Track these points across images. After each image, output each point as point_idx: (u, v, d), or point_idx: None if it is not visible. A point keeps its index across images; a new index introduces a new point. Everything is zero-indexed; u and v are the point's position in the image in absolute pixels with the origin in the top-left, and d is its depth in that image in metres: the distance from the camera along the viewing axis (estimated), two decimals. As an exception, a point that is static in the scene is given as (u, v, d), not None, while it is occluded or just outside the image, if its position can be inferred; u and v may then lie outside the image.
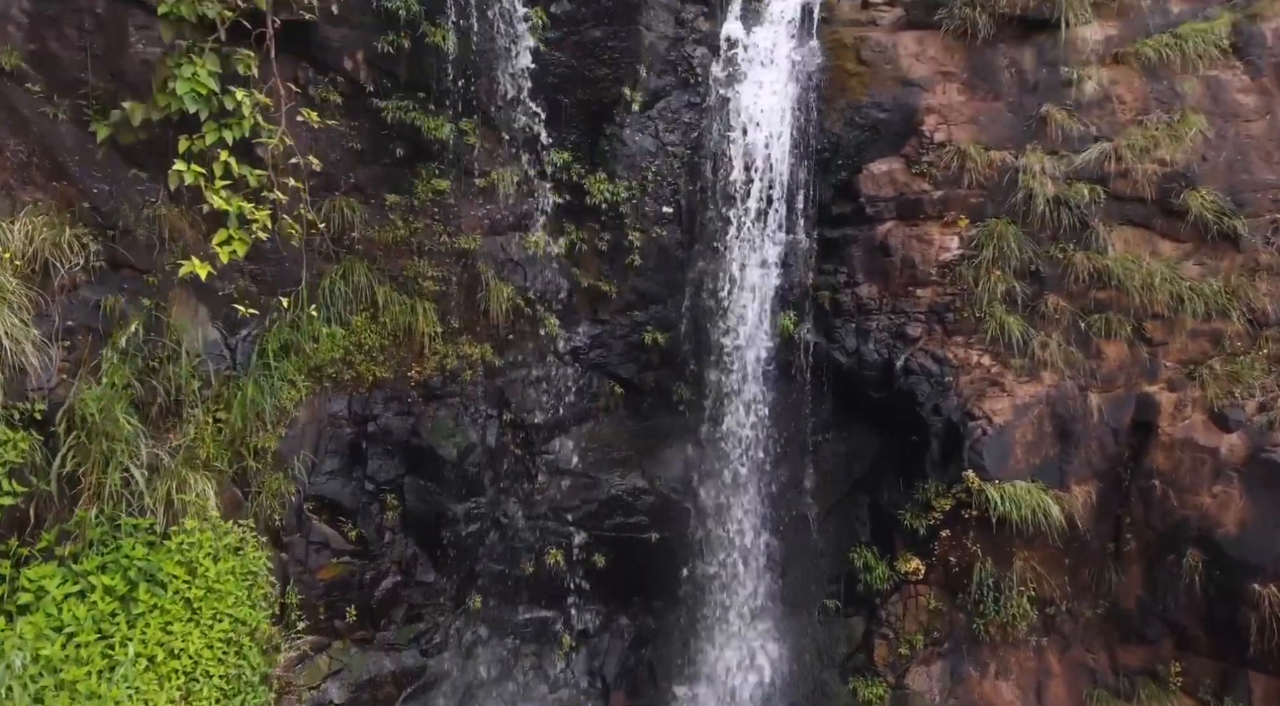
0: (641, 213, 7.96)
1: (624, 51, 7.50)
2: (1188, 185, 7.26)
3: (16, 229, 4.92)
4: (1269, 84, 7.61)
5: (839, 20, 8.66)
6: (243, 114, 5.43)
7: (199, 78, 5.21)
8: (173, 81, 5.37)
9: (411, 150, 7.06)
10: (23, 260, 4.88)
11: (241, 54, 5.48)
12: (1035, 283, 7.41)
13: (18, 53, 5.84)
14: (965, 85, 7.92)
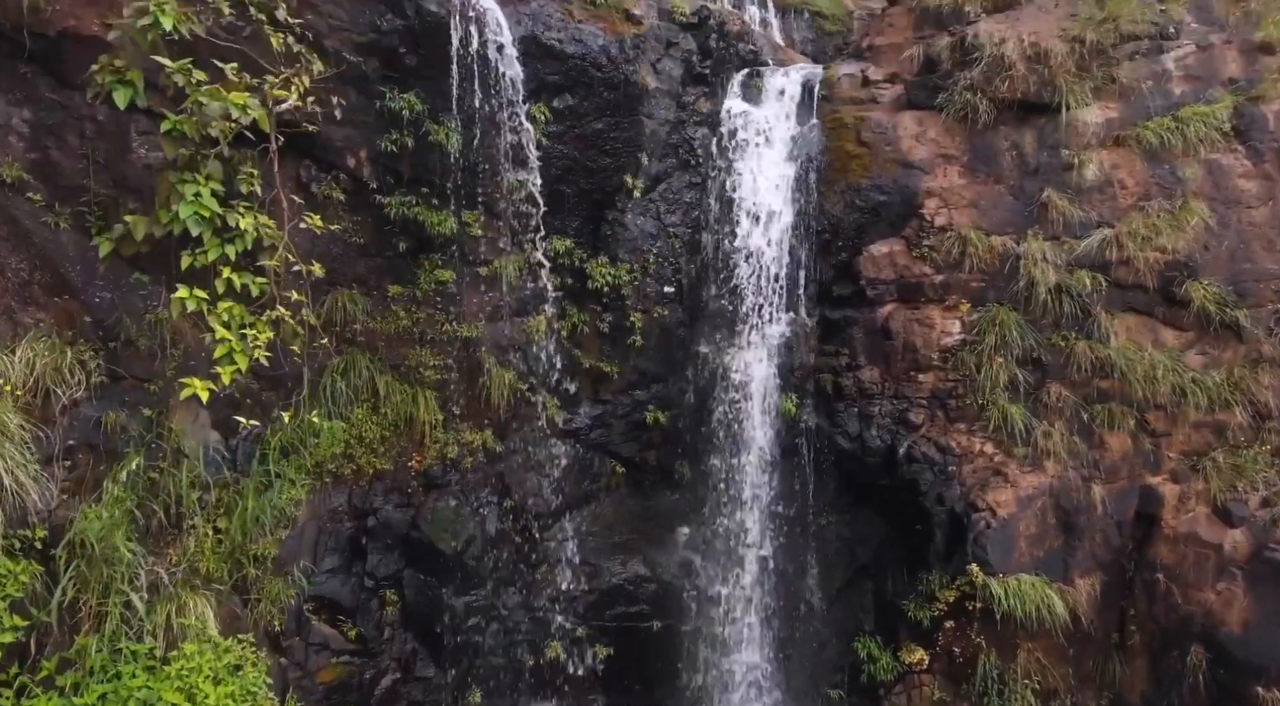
0: (643, 293, 7.96)
1: (626, 141, 7.51)
2: (1189, 275, 7.26)
3: (17, 358, 4.91)
4: (1271, 170, 7.61)
5: (839, 98, 8.68)
6: (245, 230, 5.43)
7: (202, 199, 5.20)
8: (176, 200, 5.37)
9: (415, 243, 7.06)
10: (24, 390, 4.87)
11: (245, 171, 5.48)
12: (1038, 370, 7.39)
13: (19, 163, 5.84)
14: (966, 168, 7.92)
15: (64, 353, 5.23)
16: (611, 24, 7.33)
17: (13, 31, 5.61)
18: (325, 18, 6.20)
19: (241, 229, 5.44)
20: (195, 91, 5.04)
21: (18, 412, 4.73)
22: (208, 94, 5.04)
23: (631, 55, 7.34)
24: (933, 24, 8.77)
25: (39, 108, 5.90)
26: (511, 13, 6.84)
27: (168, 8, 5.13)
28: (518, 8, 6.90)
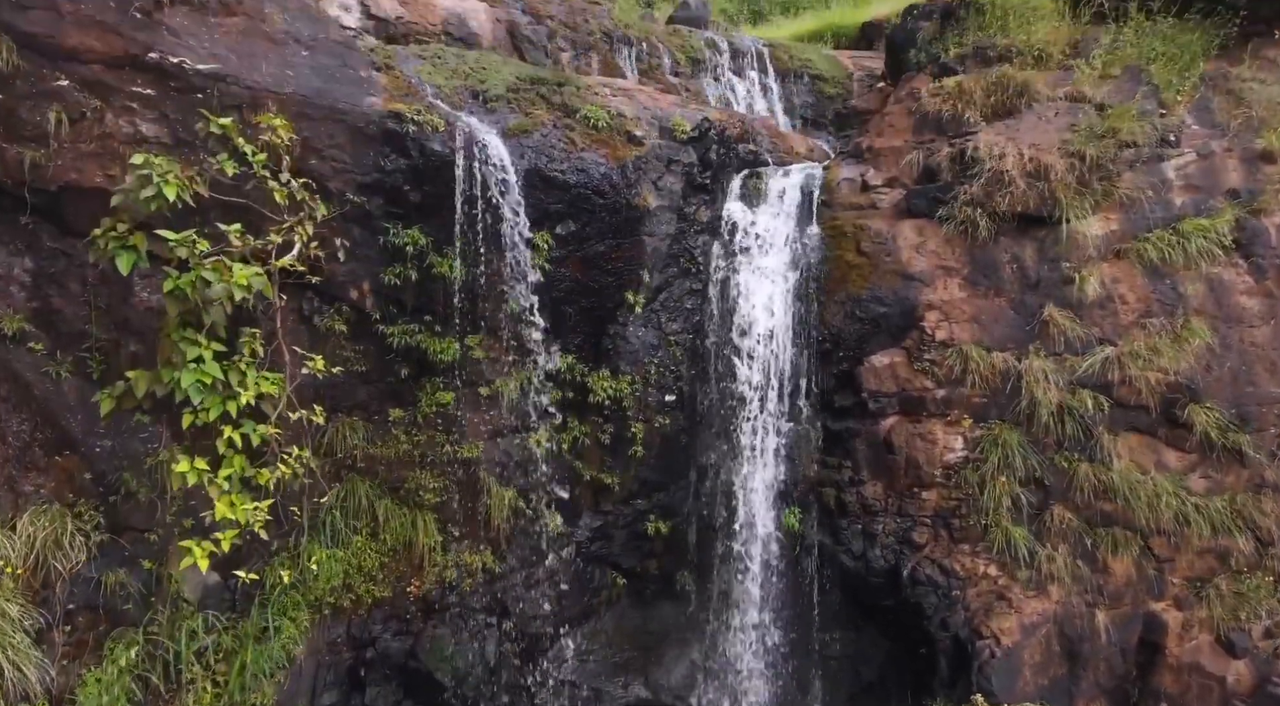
0: (644, 403, 7.94)
1: (627, 260, 7.52)
2: (1191, 397, 7.25)
3: (18, 535, 4.90)
4: (1273, 287, 7.62)
5: (838, 204, 8.68)
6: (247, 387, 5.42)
7: (203, 366, 5.20)
8: (178, 358, 5.36)
9: (416, 368, 7.05)
10: (24, 568, 4.86)
11: (248, 333, 5.48)
12: (1040, 491, 7.37)
13: (21, 314, 5.84)
14: (966, 281, 7.93)
15: (64, 522, 5.22)
16: (613, 149, 7.34)
17: (14, 187, 5.63)
18: (329, 162, 6.21)
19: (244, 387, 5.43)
20: (199, 267, 5.04)
21: (18, 593, 4.71)
22: (212, 270, 5.04)
23: (633, 179, 7.36)
24: (932, 129, 8.80)
25: (41, 257, 5.91)
26: (515, 146, 6.85)
27: (171, 177, 5.14)
28: (521, 140, 6.92)
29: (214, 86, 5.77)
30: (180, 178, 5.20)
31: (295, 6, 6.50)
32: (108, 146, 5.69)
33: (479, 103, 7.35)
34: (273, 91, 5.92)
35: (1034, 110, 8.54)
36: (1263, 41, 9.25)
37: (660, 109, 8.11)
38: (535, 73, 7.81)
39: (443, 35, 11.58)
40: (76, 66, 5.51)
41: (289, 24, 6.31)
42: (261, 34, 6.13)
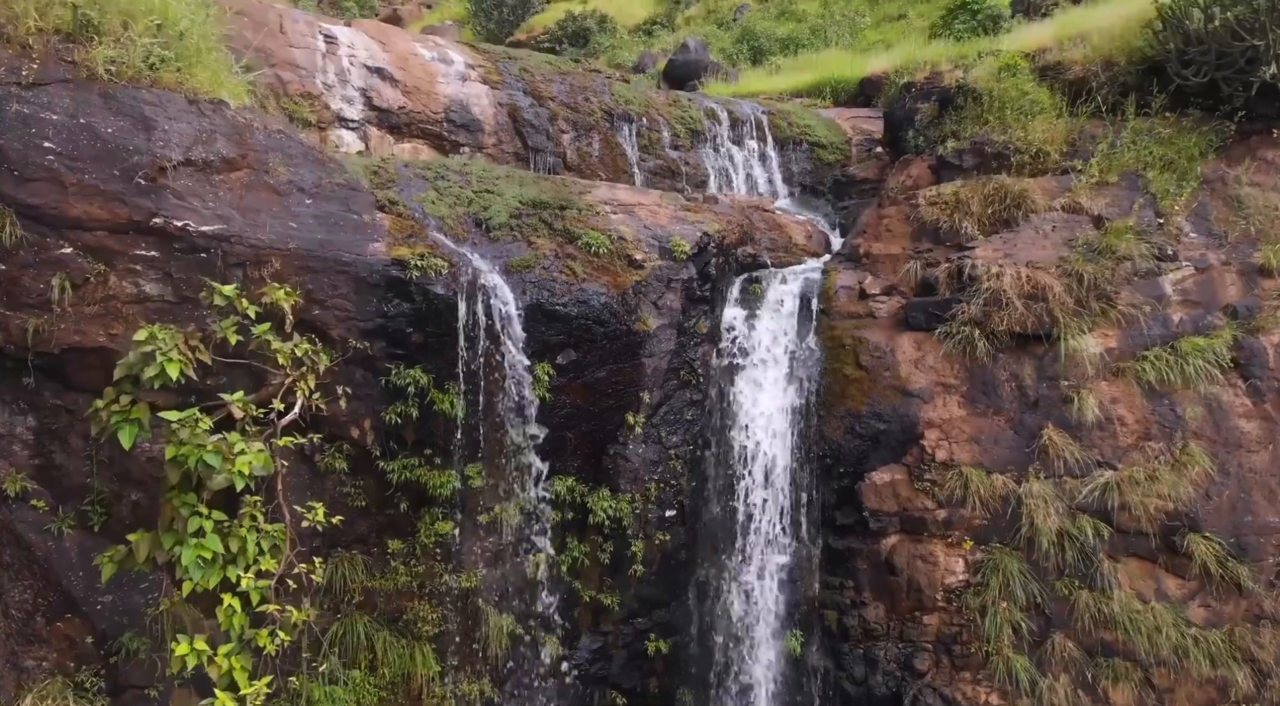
0: (645, 520, 7.95)
1: (628, 383, 7.54)
2: (1191, 526, 7.25)
3: (19, 723, 4.91)
4: (1271, 410, 7.64)
5: (837, 312, 8.72)
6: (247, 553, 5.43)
7: (204, 541, 5.21)
8: (179, 523, 5.37)
9: (415, 500, 7.06)
10: (25, 756, 4.86)
11: (249, 500, 5.50)
12: (1041, 618, 7.37)
13: (23, 473, 5.86)
14: (965, 398, 7.95)
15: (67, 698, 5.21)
16: (614, 275, 7.37)
17: (17, 352, 5.65)
18: (332, 311, 6.24)
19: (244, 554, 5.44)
20: (199, 450, 5.06)
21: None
22: (213, 452, 5.06)
23: (633, 304, 7.40)
24: (930, 238, 8.85)
25: (43, 414, 5.93)
26: (517, 282, 6.89)
27: (174, 353, 5.17)
28: (523, 276, 6.96)
29: (218, 246, 5.81)
30: (183, 352, 5.22)
31: (298, 152, 6.55)
32: (110, 307, 5.73)
33: (482, 231, 7.39)
34: (276, 248, 5.96)
35: (1031, 222, 8.60)
36: (1261, 141, 9.31)
37: (660, 227, 8.15)
38: (538, 194, 7.85)
39: (445, 122, 11.69)
40: (80, 234, 5.55)
41: (292, 173, 6.36)
42: (265, 186, 6.17)
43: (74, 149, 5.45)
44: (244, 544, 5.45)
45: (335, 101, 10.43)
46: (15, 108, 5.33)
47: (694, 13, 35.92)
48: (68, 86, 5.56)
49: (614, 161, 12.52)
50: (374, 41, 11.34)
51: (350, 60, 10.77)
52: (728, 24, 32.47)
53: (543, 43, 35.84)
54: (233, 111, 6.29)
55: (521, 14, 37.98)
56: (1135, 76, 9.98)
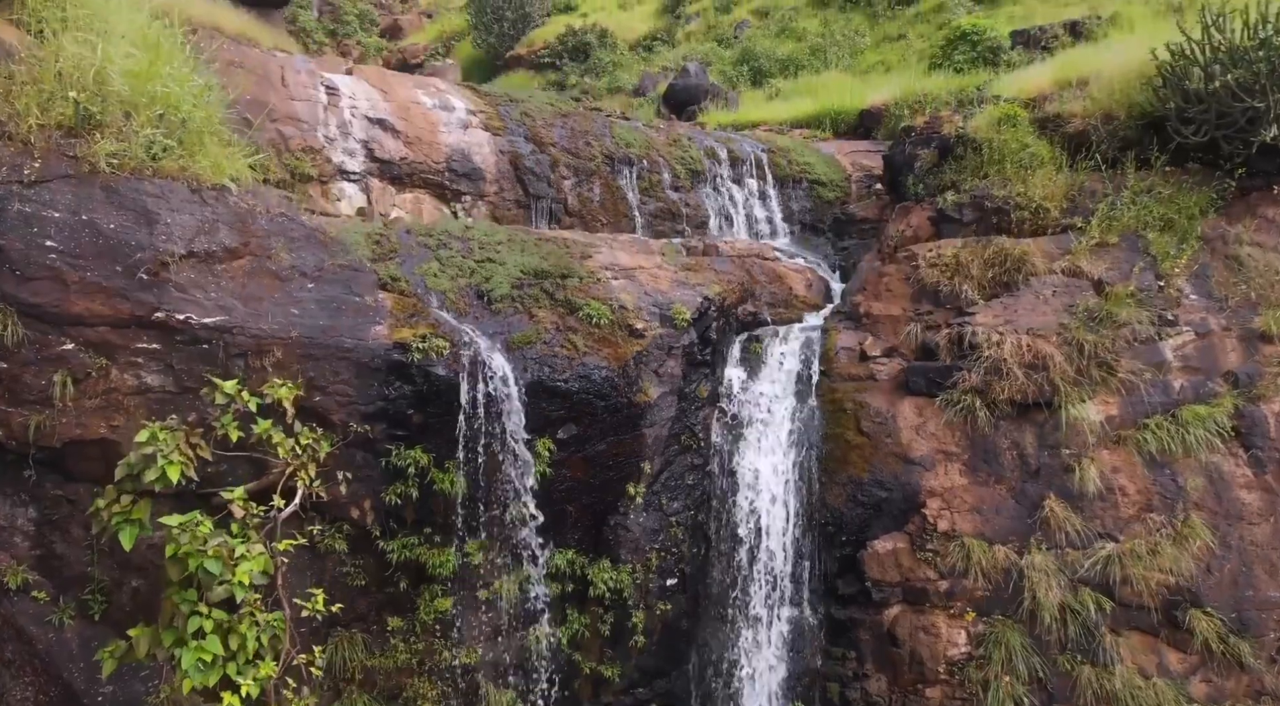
0: (646, 589, 7.92)
1: (629, 454, 7.54)
2: (1192, 602, 7.24)
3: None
4: (1272, 481, 7.64)
5: (838, 374, 8.72)
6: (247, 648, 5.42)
7: (204, 644, 5.20)
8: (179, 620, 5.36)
9: (415, 578, 7.04)
10: None
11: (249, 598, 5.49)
12: (1043, 693, 7.33)
13: (24, 564, 5.85)
14: (967, 466, 7.95)
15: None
16: (615, 347, 7.38)
17: (18, 447, 5.65)
18: (333, 396, 6.24)
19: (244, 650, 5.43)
20: (199, 557, 5.06)
21: None
22: (213, 558, 5.06)
23: (634, 376, 7.40)
24: (930, 300, 8.85)
25: (43, 505, 5.92)
26: (518, 359, 6.90)
27: (174, 456, 5.17)
28: (524, 352, 6.96)
29: (219, 338, 5.81)
30: (184, 451, 5.22)
31: (300, 235, 6.56)
32: (112, 399, 5.72)
33: (484, 304, 7.39)
34: (278, 337, 5.96)
35: (1032, 286, 8.60)
36: (1262, 197, 9.33)
37: (661, 293, 8.16)
38: (539, 262, 7.85)
39: (446, 172, 11.69)
40: (82, 329, 5.55)
41: (295, 257, 6.37)
42: (267, 272, 6.18)
43: (76, 246, 5.46)
44: (244, 641, 5.43)
45: (337, 154, 10.43)
46: (17, 207, 5.34)
47: (694, 28, 35.97)
48: (70, 182, 5.57)
49: (615, 206, 12.53)
50: (375, 90, 11.35)
51: (352, 112, 10.78)
52: (728, 41, 32.51)
53: (543, 57, 35.93)
54: (235, 197, 6.31)
55: (521, 28, 38.04)
56: (1135, 131, 10.00)
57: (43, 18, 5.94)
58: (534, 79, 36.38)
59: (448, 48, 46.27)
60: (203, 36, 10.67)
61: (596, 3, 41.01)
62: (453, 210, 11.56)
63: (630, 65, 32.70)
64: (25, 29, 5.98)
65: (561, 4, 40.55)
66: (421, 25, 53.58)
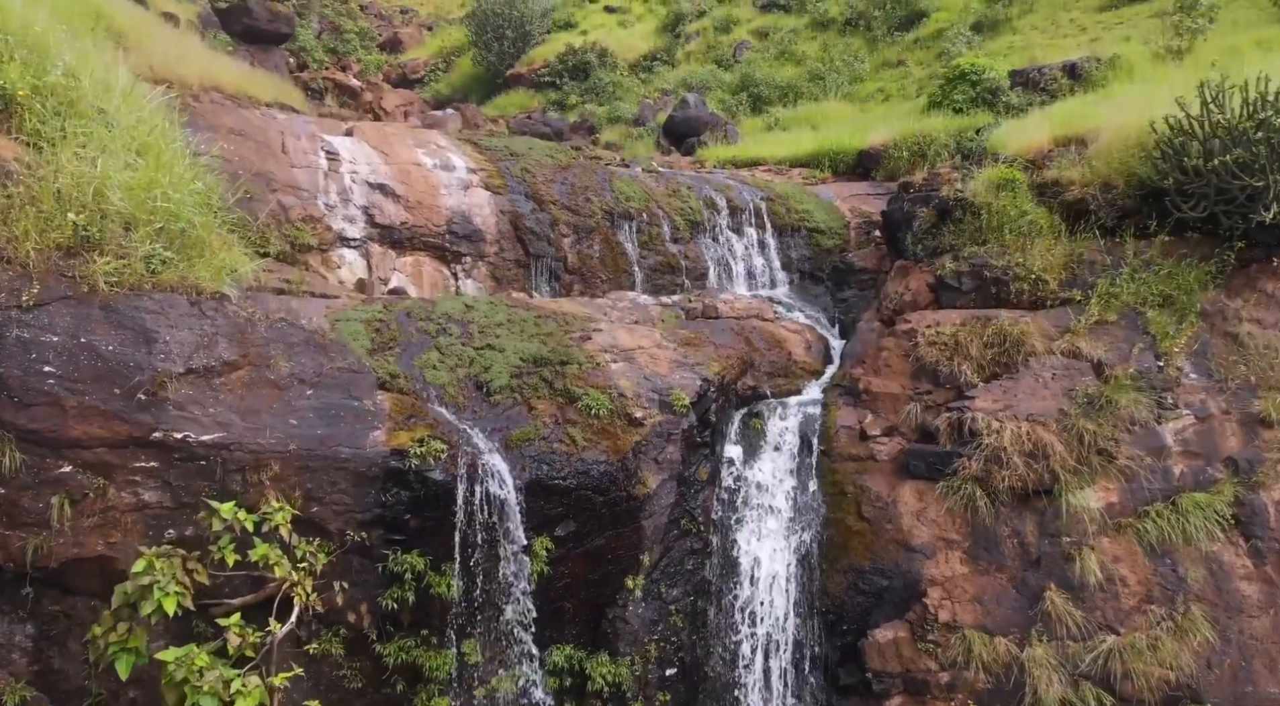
0: (645, 681, 7.88)
1: (628, 546, 7.52)
2: (1193, 698, 7.20)
3: None
4: (1272, 573, 7.62)
5: (838, 453, 8.71)
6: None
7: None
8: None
9: (412, 679, 7.01)
10: None
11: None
12: (1044, 788, 7.35)
13: (23, 680, 5.83)
14: (967, 555, 7.93)
15: None
16: (614, 439, 7.37)
17: (16, 568, 5.64)
18: (330, 507, 6.23)
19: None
20: (194, 693, 5.05)
21: None
22: (208, 695, 5.05)
23: (633, 468, 7.39)
24: (929, 378, 8.83)
25: (41, 621, 5.90)
26: (516, 457, 6.89)
27: (171, 587, 5.16)
28: (523, 450, 6.95)
29: (217, 454, 5.81)
30: (181, 580, 5.21)
31: (299, 339, 6.56)
32: (109, 517, 5.72)
33: (483, 396, 7.38)
34: (276, 451, 5.96)
35: (1031, 368, 8.59)
36: (1261, 269, 9.31)
37: (660, 377, 8.15)
38: (538, 349, 7.85)
39: (447, 234, 11.69)
40: (79, 452, 5.55)
41: (294, 365, 6.37)
42: (266, 382, 6.18)
43: (75, 370, 5.45)
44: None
45: (337, 221, 10.44)
46: (15, 333, 5.34)
47: (694, 48, 36.08)
48: (68, 303, 5.57)
49: (615, 262, 12.54)
50: (375, 152, 11.37)
51: (352, 177, 10.80)
52: (728, 62, 32.60)
53: (543, 75, 36.05)
54: (234, 305, 6.31)
55: (521, 46, 38.17)
56: (1134, 200, 10.00)
57: (42, 131, 5.94)
58: (534, 97, 36.52)
59: (448, 62, 46.39)
60: (204, 104, 10.71)
61: (596, 20, 41.13)
62: (453, 271, 11.58)
63: (630, 88, 32.76)
64: (25, 142, 5.98)
65: (561, 21, 40.68)
66: (422, 39, 53.67)
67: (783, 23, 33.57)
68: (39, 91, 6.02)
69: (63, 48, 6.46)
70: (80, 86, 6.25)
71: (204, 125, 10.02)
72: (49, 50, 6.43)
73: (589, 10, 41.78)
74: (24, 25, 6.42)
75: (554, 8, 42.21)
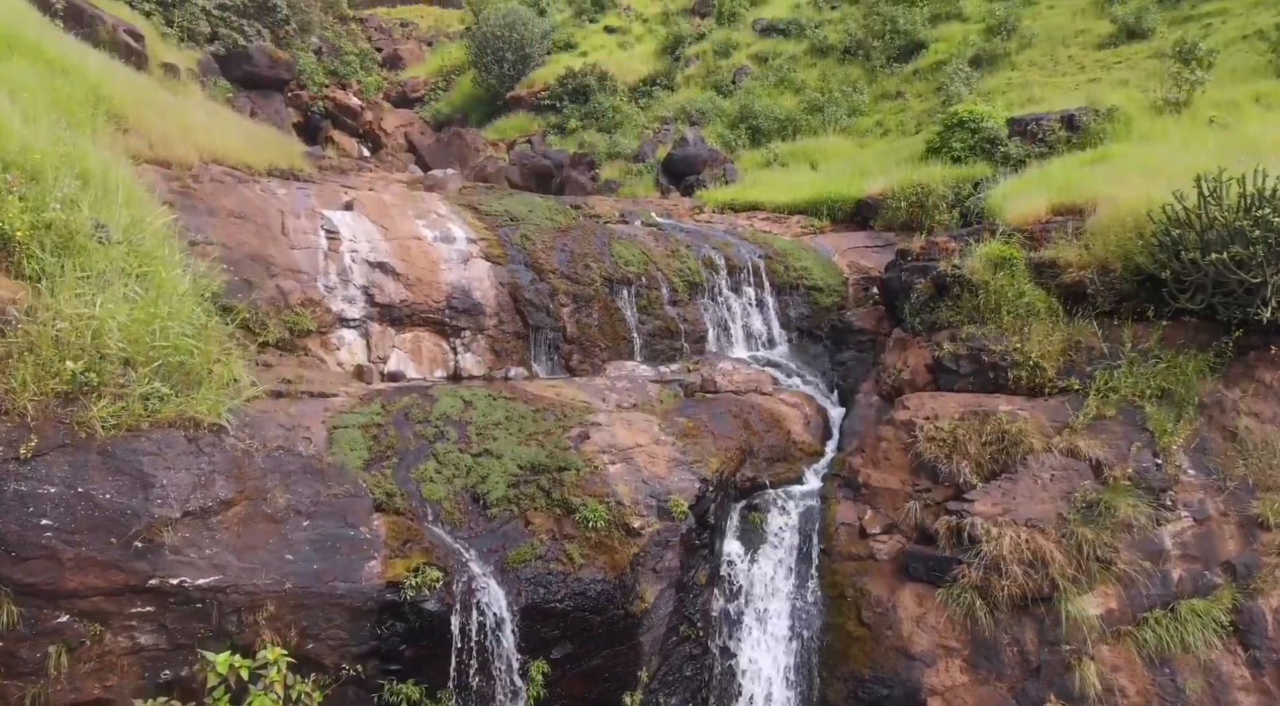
0: (643, 794, 7.89)
1: (626, 664, 7.50)
2: (1194, 817, 7.24)
3: None
4: (1270, 684, 7.61)
5: (838, 553, 8.71)
6: None
7: None
8: None
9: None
10: None
11: None
12: None
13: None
14: (967, 663, 7.91)
15: None
16: (611, 553, 7.36)
17: (19, 718, 5.64)
18: (325, 642, 6.21)
19: None
20: None
21: None
22: None
23: (631, 583, 7.37)
24: (928, 475, 8.83)
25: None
26: (512, 580, 6.88)
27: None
28: (519, 573, 6.95)
29: (213, 597, 5.79)
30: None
31: (296, 467, 6.56)
32: (106, 661, 5.70)
33: (480, 509, 7.38)
34: (272, 592, 5.94)
35: (1030, 468, 8.57)
36: (1260, 357, 9.29)
37: (659, 480, 8.13)
38: (535, 455, 7.85)
39: (446, 309, 11.69)
40: (77, 602, 5.53)
41: (290, 495, 6.36)
42: (262, 517, 6.17)
43: (72, 522, 5.45)
44: None
45: (337, 303, 10.44)
46: (13, 487, 5.34)
47: (693, 72, 36.14)
48: (66, 451, 5.57)
49: (613, 329, 12.54)
50: (375, 226, 11.38)
51: (352, 256, 10.80)
52: (727, 88, 32.66)
53: (543, 98, 36.17)
54: (232, 438, 6.31)
55: (521, 68, 38.31)
56: (1131, 285, 10.01)
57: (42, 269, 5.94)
58: (534, 120, 36.62)
59: (448, 81, 46.53)
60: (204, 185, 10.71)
61: (596, 40, 41.23)
62: (452, 346, 11.58)
63: (629, 114, 32.78)
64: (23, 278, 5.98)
65: (561, 42, 40.80)
66: (422, 55, 53.81)
67: (782, 48, 33.60)
68: (38, 227, 6.03)
69: (62, 176, 6.47)
70: (80, 217, 6.25)
71: (204, 209, 10.04)
72: (47, 175, 6.44)
73: (589, 31, 41.87)
74: (22, 150, 6.44)
75: (554, 28, 42.31)
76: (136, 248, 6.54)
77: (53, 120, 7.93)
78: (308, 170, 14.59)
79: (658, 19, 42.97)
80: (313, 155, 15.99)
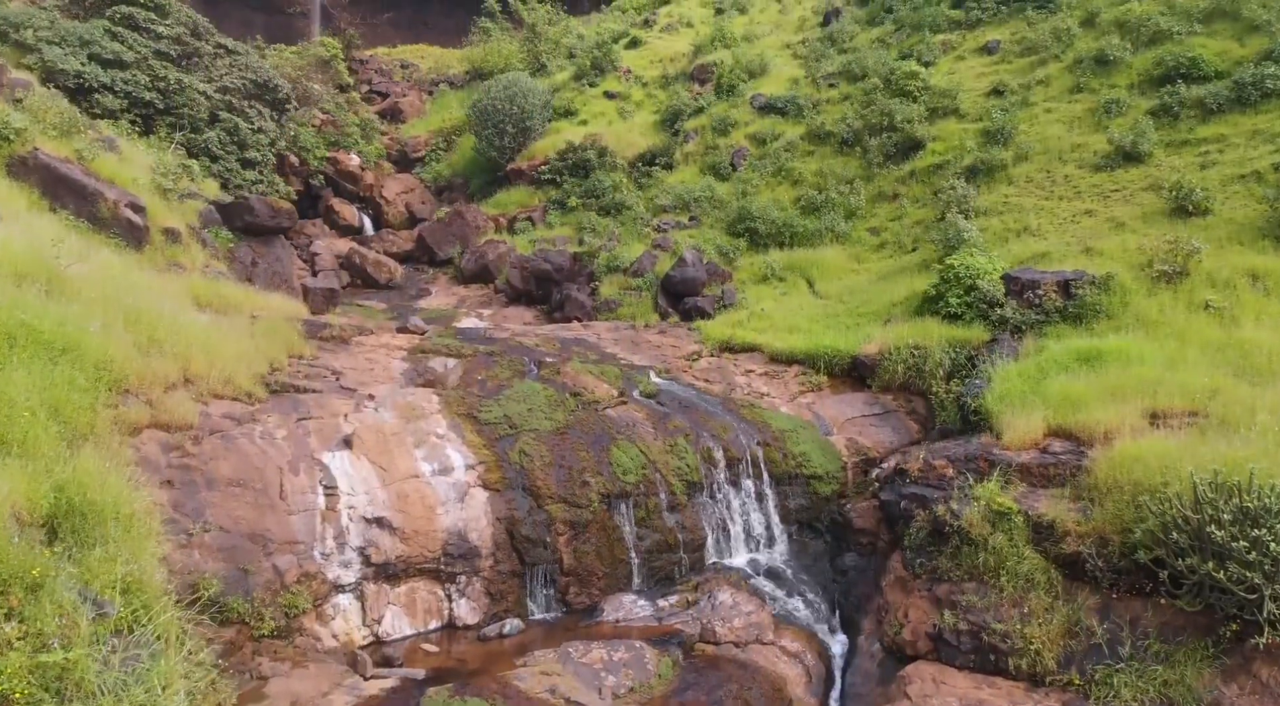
0: None
1: None
2: None
3: None
4: None
5: None
6: None
7: None
8: None
9: None
10: None
11: None
12: None
13: None
14: None
15: None
16: None
17: None
18: None
19: None
20: None
21: None
22: None
23: None
24: None
25: None
26: None
27: None
28: None
29: None
30: None
31: None
32: None
33: None
34: None
35: None
36: (1255, 651, 9.19)
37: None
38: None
39: (442, 558, 11.62)
40: None
41: None
42: None
43: None
44: None
45: (333, 569, 10.37)
46: None
47: (692, 148, 36.33)
48: None
49: (611, 552, 12.48)
50: (374, 468, 11.31)
51: (350, 515, 10.73)
52: (725, 171, 32.82)
53: (543, 173, 36.41)
54: None
55: (522, 141, 38.60)
56: (1129, 563, 10.02)
57: None
58: (534, 195, 36.90)
59: (448, 141, 46.91)
60: (204, 445, 10.65)
61: (596, 107, 41.45)
62: (447, 592, 11.52)
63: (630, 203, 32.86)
64: None
65: (562, 108, 41.05)
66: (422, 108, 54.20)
67: (780, 128, 33.62)
68: (35, 672, 6.00)
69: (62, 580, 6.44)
70: (86, 662, 6.21)
71: (202, 481, 10.01)
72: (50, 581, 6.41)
73: (589, 96, 42.03)
74: (22, 567, 6.41)
75: (555, 91, 42.57)
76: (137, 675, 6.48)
77: (51, 445, 7.93)
78: (309, 354, 14.52)
79: (657, 82, 43.19)
80: (313, 326, 15.94)
